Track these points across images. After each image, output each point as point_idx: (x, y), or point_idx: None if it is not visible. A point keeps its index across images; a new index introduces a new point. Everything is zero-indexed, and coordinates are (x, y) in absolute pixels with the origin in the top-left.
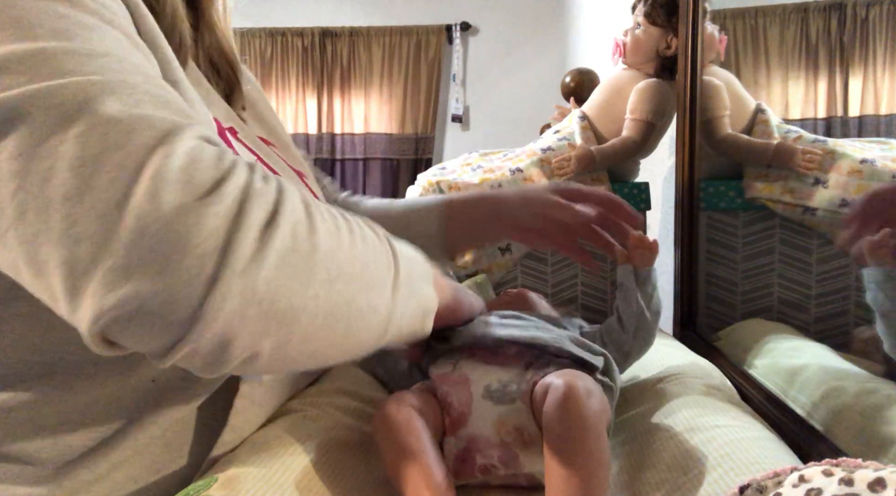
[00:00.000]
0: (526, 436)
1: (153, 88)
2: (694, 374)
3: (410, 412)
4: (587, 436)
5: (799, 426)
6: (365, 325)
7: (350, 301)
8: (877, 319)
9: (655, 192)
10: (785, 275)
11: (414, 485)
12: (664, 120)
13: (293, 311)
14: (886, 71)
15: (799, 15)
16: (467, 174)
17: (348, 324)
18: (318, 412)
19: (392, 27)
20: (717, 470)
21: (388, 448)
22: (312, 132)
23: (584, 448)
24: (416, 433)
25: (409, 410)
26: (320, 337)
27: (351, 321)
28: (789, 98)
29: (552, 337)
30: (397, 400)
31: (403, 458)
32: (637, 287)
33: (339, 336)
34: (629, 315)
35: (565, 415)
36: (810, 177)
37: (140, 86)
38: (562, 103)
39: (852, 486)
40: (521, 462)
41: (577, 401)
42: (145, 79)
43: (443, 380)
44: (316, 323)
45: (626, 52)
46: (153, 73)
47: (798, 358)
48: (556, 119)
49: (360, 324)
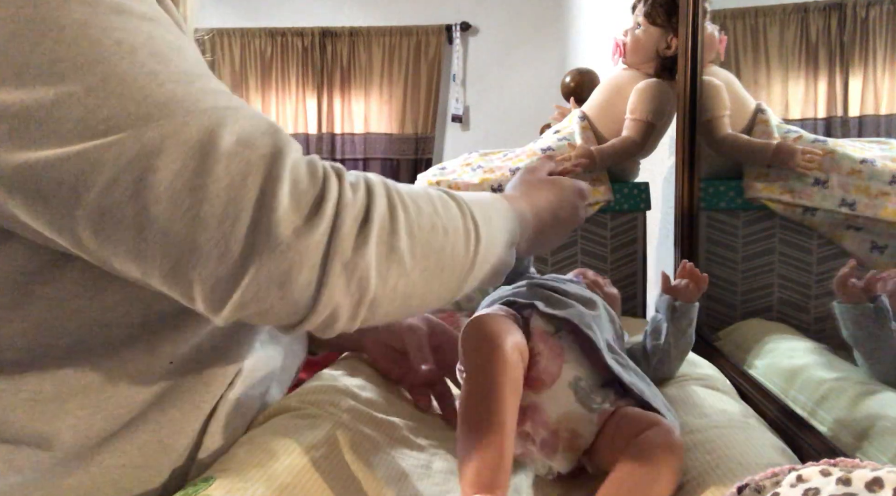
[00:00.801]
0: (577, 442)
1: (234, 101)
2: (692, 375)
3: (519, 359)
4: (661, 482)
5: (798, 426)
6: (446, 287)
7: (432, 274)
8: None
9: (655, 192)
10: (785, 275)
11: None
12: (664, 120)
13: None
14: (886, 71)
15: (799, 15)
16: (467, 174)
17: (429, 288)
18: (317, 411)
19: (392, 27)
20: (715, 471)
21: (481, 377)
22: (312, 132)
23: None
24: (515, 383)
25: (518, 356)
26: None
27: (433, 284)
28: (789, 98)
29: (649, 391)
30: (510, 333)
31: (489, 406)
32: (672, 321)
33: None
34: (655, 347)
35: (663, 456)
36: (810, 177)
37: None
38: (562, 103)
39: (850, 486)
40: (556, 456)
41: (676, 452)
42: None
43: (542, 337)
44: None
45: (626, 52)
46: (206, 68)
47: (798, 358)
48: (556, 119)
49: (442, 288)
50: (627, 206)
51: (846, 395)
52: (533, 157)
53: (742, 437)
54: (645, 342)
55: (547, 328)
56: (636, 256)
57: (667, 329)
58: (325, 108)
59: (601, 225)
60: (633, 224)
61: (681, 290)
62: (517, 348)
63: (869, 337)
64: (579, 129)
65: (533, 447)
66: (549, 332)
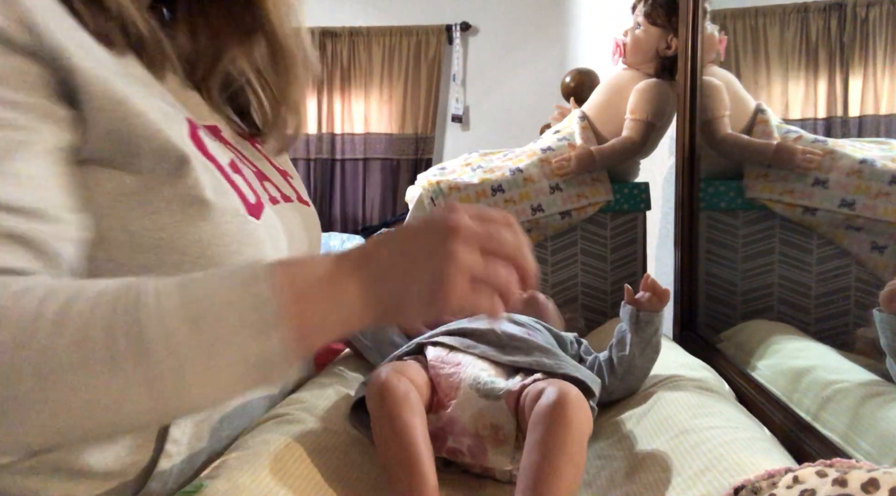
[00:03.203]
0: (500, 435)
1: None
2: (689, 376)
3: (409, 386)
4: (572, 442)
5: (801, 428)
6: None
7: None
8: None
9: (655, 192)
10: (785, 275)
11: (404, 466)
12: (664, 120)
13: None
14: (886, 71)
15: (799, 15)
16: (467, 174)
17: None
18: (306, 416)
19: (392, 27)
20: (711, 471)
21: (384, 418)
22: (312, 132)
23: (565, 451)
24: (413, 408)
25: (408, 384)
26: (52, 425)
27: (74, 405)
28: (789, 98)
29: (555, 363)
30: (397, 370)
31: (397, 435)
32: (636, 331)
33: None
34: (620, 358)
35: (557, 418)
36: (810, 177)
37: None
38: (562, 103)
39: (846, 487)
40: (489, 457)
41: (569, 407)
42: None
43: (437, 360)
44: (38, 417)
45: (626, 52)
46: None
47: (803, 359)
48: (556, 119)
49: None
50: (627, 206)
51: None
52: (533, 156)
53: (738, 438)
54: (611, 354)
55: (441, 351)
56: (636, 256)
57: (630, 339)
58: (325, 108)
59: (601, 225)
60: (633, 224)
61: (643, 303)
62: (406, 381)
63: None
64: (579, 129)
65: (464, 458)
66: (444, 353)
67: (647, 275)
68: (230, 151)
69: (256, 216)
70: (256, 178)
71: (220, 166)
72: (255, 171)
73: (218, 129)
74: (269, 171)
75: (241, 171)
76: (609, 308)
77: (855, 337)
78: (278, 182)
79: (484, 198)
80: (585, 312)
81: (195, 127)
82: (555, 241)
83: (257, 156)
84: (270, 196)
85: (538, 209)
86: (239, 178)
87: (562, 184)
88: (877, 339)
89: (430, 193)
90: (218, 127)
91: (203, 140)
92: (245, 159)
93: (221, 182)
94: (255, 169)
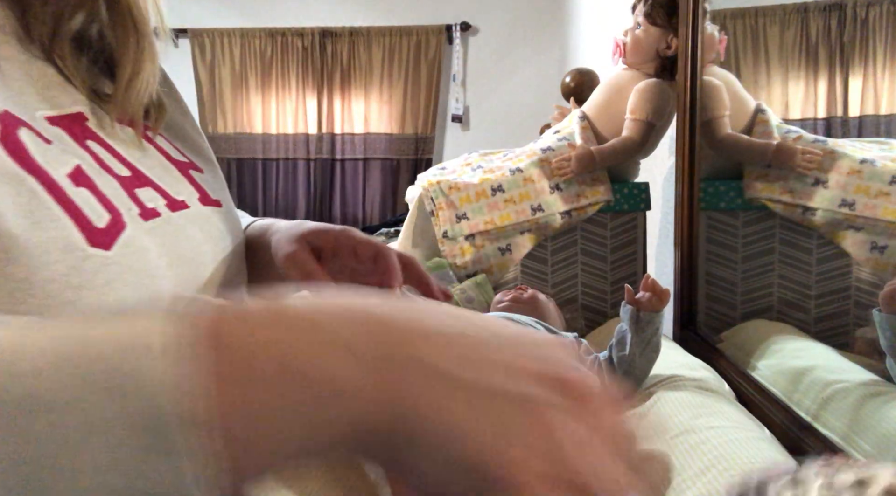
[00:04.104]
0: None
1: None
2: (689, 376)
3: None
4: None
5: (801, 428)
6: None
7: None
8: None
9: (655, 192)
10: (785, 275)
11: None
12: (664, 120)
13: None
14: (886, 71)
15: (799, 15)
16: (467, 174)
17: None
18: None
19: (392, 27)
20: (711, 471)
21: None
22: (312, 132)
23: None
24: None
25: None
26: None
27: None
28: (789, 98)
29: None
30: None
31: None
32: (636, 331)
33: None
34: (620, 357)
35: None
36: (810, 177)
37: None
38: (562, 103)
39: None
40: None
41: None
42: None
43: None
44: None
45: (626, 52)
46: None
47: (803, 359)
48: (556, 119)
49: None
50: (627, 206)
51: (852, 397)
52: (533, 156)
53: (737, 438)
54: (611, 354)
55: None
56: (636, 256)
57: (631, 339)
58: (325, 108)
59: (601, 225)
60: (633, 224)
61: (643, 303)
62: None
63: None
64: (579, 129)
65: None
66: None
67: (647, 276)
68: (83, 152)
69: (106, 246)
70: (122, 185)
71: (48, 181)
72: (126, 177)
73: (83, 116)
74: (156, 169)
75: (90, 181)
76: (609, 308)
77: (855, 337)
78: (168, 183)
79: (484, 198)
80: (585, 312)
81: (11, 125)
82: (555, 240)
83: (145, 147)
84: (144, 208)
85: (538, 209)
86: (84, 193)
87: (562, 184)
88: (877, 339)
89: (431, 194)
90: (83, 113)
91: (23, 143)
92: (116, 157)
93: (45, 205)
94: (131, 171)
